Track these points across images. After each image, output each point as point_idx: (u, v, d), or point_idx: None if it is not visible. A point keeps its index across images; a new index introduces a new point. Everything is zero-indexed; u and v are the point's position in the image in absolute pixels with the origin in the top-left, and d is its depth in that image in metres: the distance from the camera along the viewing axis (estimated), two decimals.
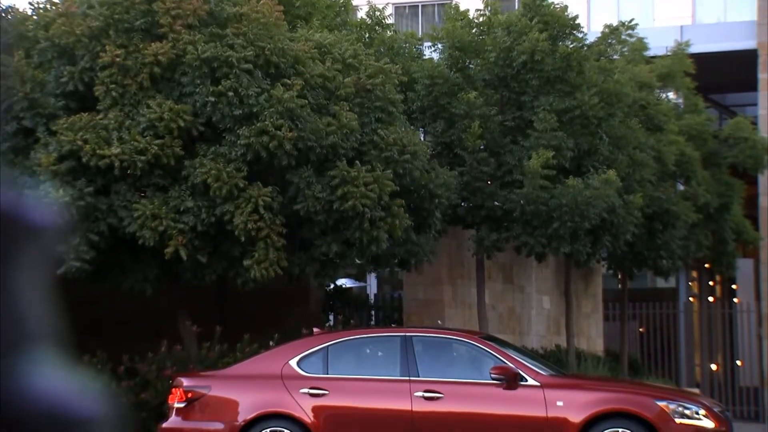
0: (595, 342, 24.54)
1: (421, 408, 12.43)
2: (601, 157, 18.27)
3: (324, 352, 12.87)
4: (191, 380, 12.99)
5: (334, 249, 15.50)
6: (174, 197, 15.23)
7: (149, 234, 14.98)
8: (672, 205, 20.71)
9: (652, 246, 21.05)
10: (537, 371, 12.63)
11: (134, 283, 15.89)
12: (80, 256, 14.93)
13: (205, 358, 16.03)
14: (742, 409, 26.57)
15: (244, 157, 15.14)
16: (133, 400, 15.56)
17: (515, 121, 18.28)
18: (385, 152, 15.62)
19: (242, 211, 14.99)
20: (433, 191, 16.20)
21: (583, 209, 17.30)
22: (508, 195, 17.67)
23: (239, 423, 12.57)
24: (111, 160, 15.00)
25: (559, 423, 12.18)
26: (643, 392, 12.72)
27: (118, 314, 18.89)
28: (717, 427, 12.33)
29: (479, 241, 18.23)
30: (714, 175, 22.77)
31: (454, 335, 13.23)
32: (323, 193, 15.19)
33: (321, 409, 12.56)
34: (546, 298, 23.02)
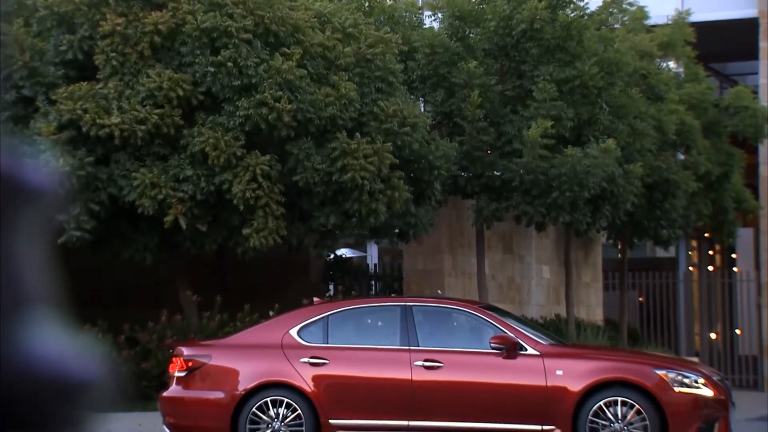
0: (595, 311, 24.59)
1: (421, 377, 12.47)
2: (602, 126, 18.25)
3: (324, 321, 12.89)
4: (192, 349, 13.02)
5: (332, 220, 15.51)
6: (173, 166, 15.23)
7: (149, 203, 14.99)
8: (672, 174, 20.70)
9: (652, 215, 21.05)
10: (537, 340, 12.66)
11: (134, 253, 15.91)
12: (80, 225, 14.94)
13: (206, 328, 16.07)
14: (741, 377, 26.65)
15: (242, 126, 15.13)
16: (133, 369, 15.61)
17: (515, 91, 18.25)
18: (385, 124, 15.60)
19: (241, 179, 14.99)
20: (432, 163, 16.18)
21: (582, 178, 17.29)
22: (507, 165, 17.66)
23: (240, 392, 12.60)
24: (111, 129, 14.98)
25: (558, 392, 12.22)
26: (642, 361, 12.75)
27: (118, 284, 18.92)
28: (716, 395, 12.37)
29: (479, 210, 18.23)
30: (714, 144, 22.74)
31: (454, 305, 13.25)
32: (323, 164, 15.18)
33: (321, 378, 12.59)
34: (546, 268, 23.04)
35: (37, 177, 1.08)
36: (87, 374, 1.01)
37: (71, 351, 1.01)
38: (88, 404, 0.99)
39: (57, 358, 0.99)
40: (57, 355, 1.00)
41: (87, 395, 1.00)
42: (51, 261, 1.08)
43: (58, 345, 1.00)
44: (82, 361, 1.01)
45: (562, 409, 12.17)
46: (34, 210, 1.07)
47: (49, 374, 0.98)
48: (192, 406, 12.71)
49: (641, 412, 12.13)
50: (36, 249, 1.06)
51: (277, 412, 12.52)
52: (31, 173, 1.08)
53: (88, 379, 1.00)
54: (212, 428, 12.66)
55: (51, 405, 0.97)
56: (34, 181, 1.08)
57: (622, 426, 12.13)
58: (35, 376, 0.97)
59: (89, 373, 1.01)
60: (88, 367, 1.01)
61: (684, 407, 12.19)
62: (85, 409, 0.99)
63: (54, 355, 0.99)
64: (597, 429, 12.14)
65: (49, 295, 1.04)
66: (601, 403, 12.18)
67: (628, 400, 12.19)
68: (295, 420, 12.49)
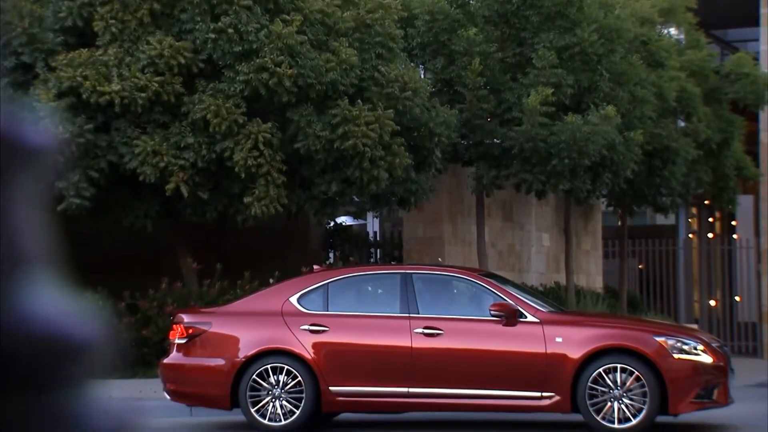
0: (595, 279, 24.62)
1: (420, 344, 12.50)
2: (602, 93, 18.21)
3: (324, 289, 12.91)
4: (192, 317, 13.05)
5: (333, 188, 15.50)
6: (174, 134, 15.22)
7: (150, 170, 14.98)
8: (672, 141, 20.67)
9: (652, 183, 21.05)
10: (536, 308, 12.69)
11: (135, 220, 15.92)
12: (80, 192, 14.95)
13: (206, 295, 16.10)
14: (741, 344, 26.71)
15: (243, 93, 15.10)
16: (134, 336, 15.65)
17: (515, 58, 18.20)
18: (385, 89, 15.57)
19: (242, 147, 14.98)
20: (433, 130, 16.16)
21: (581, 146, 17.27)
22: (507, 132, 17.63)
23: (240, 359, 12.64)
24: (111, 96, 14.96)
25: (558, 359, 12.26)
26: (641, 328, 12.78)
27: (118, 251, 18.93)
28: (715, 362, 12.40)
29: (479, 178, 18.22)
30: (715, 111, 22.70)
31: (454, 272, 13.26)
32: (324, 131, 15.17)
33: (321, 345, 12.63)
34: (545, 236, 23.06)
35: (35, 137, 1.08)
36: (87, 335, 1.01)
37: (71, 312, 1.01)
38: (87, 366, 0.99)
39: (56, 319, 0.99)
40: (56, 315, 1.00)
41: (87, 357, 1.00)
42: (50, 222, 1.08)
43: (57, 306, 1.00)
44: (81, 323, 1.01)
45: (562, 376, 12.21)
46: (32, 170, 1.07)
47: (48, 335, 0.98)
48: (192, 373, 12.75)
49: (640, 378, 12.17)
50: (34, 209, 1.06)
51: (277, 379, 12.55)
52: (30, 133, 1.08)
53: (88, 341, 1.00)
54: (213, 395, 12.70)
55: (50, 366, 0.97)
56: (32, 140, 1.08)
57: (622, 392, 12.17)
58: (34, 336, 0.97)
59: (89, 334, 1.01)
60: (87, 328, 1.01)
61: (683, 374, 12.23)
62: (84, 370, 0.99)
63: (53, 316, 0.99)
64: (596, 395, 12.18)
65: (48, 256, 1.04)
66: (600, 370, 12.22)
67: (628, 367, 12.23)
68: (296, 387, 12.53)
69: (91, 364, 0.99)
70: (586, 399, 12.17)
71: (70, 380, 0.98)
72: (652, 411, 12.15)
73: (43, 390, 0.96)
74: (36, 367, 0.96)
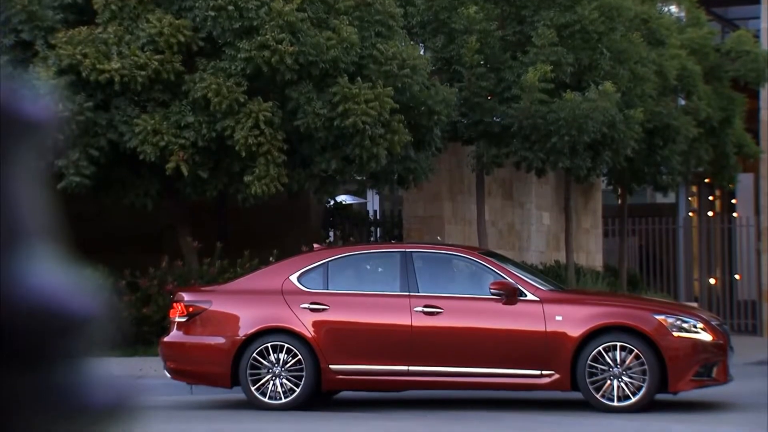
0: (594, 257, 24.63)
1: (420, 323, 12.52)
2: (602, 71, 18.18)
3: (324, 267, 12.92)
4: (192, 295, 13.06)
5: (333, 165, 15.50)
6: (174, 112, 15.20)
7: (150, 149, 14.98)
8: (673, 119, 20.65)
9: (652, 161, 21.03)
10: (536, 286, 12.70)
11: (135, 199, 15.92)
12: (80, 170, 14.94)
13: (206, 274, 16.11)
14: (740, 322, 26.75)
15: (244, 71, 15.08)
16: (134, 314, 15.67)
17: (515, 36, 18.16)
18: (384, 66, 15.54)
19: (243, 126, 14.97)
20: (432, 108, 16.14)
21: (581, 123, 17.25)
22: (506, 110, 17.61)
23: (240, 337, 12.66)
24: (111, 74, 14.94)
25: (558, 337, 12.27)
26: (641, 306, 12.80)
27: (119, 230, 18.94)
28: (714, 340, 12.42)
29: (478, 156, 18.21)
30: (715, 89, 22.67)
31: (454, 251, 13.27)
32: (324, 109, 15.15)
33: (321, 323, 12.64)
34: (546, 214, 23.06)
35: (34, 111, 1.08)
36: (86, 310, 1.01)
37: (70, 286, 1.00)
38: (86, 340, 0.99)
39: (55, 293, 0.99)
40: (55, 289, 0.99)
41: (86, 331, 1.00)
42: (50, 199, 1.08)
43: (56, 279, 1.00)
44: (81, 297, 1.01)
45: (562, 355, 12.23)
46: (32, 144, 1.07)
47: (47, 308, 0.98)
48: (193, 351, 12.77)
49: (640, 356, 12.20)
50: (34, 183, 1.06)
51: (277, 358, 12.58)
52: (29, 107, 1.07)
53: (87, 315, 1.00)
54: (213, 373, 12.73)
55: (49, 339, 0.97)
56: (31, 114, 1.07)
57: (621, 370, 12.20)
58: (33, 309, 0.97)
59: (88, 308, 1.01)
60: (87, 302, 1.01)
61: (682, 352, 12.25)
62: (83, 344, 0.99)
63: (52, 290, 0.99)
64: (596, 374, 12.21)
65: (47, 230, 1.04)
66: (600, 348, 12.24)
67: (627, 345, 12.25)
68: (296, 365, 12.55)
69: (90, 338, 0.99)
70: (585, 377, 12.19)
71: (69, 354, 0.98)
72: (652, 389, 12.18)
73: (41, 363, 0.96)
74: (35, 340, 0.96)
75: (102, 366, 1.02)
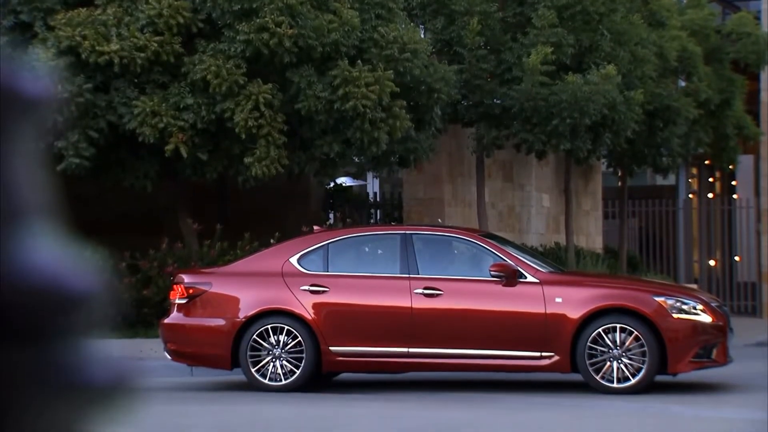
0: (594, 239, 24.64)
1: (420, 305, 12.53)
2: (602, 53, 18.16)
3: (324, 249, 12.92)
4: (192, 277, 13.07)
5: (334, 149, 15.49)
6: (174, 94, 15.18)
7: (149, 131, 14.97)
8: (673, 101, 20.63)
9: (653, 143, 21.02)
10: (536, 268, 12.70)
11: (134, 180, 15.92)
12: (79, 152, 14.93)
13: (206, 256, 16.12)
14: (740, 303, 26.77)
15: (243, 53, 15.06)
16: (134, 296, 15.69)
17: (516, 18, 18.13)
18: (385, 50, 15.52)
19: (242, 108, 14.95)
20: (431, 86, 16.12)
21: (582, 105, 17.24)
22: (507, 92, 17.59)
23: (240, 319, 12.67)
24: (110, 56, 14.92)
25: (558, 319, 12.28)
26: (641, 288, 12.80)
27: (118, 211, 18.94)
28: (714, 321, 12.43)
29: (479, 138, 18.20)
30: (716, 71, 22.65)
31: (454, 233, 13.27)
32: (324, 92, 15.13)
33: (321, 305, 12.65)
34: (545, 196, 23.06)
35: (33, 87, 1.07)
36: (85, 287, 1.00)
37: (69, 263, 1.00)
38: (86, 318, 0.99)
39: (54, 270, 0.99)
40: (54, 266, 0.99)
41: (85, 308, 0.99)
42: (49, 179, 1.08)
43: (55, 257, 1.00)
44: (80, 274, 1.00)
45: (561, 336, 12.24)
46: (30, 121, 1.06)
47: (46, 286, 0.98)
48: (193, 332, 12.79)
49: (640, 338, 12.21)
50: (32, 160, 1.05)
51: (277, 339, 12.59)
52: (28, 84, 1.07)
53: (86, 292, 1.00)
54: (213, 355, 12.74)
55: (48, 317, 0.97)
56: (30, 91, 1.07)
57: (621, 352, 12.21)
58: (32, 287, 0.96)
59: (87, 286, 1.00)
60: (86, 280, 1.01)
61: (682, 333, 12.26)
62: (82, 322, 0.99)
63: (51, 267, 0.99)
64: (596, 355, 12.22)
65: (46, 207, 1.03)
66: (599, 330, 12.25)
67: (627, 327, 12.26)
68: (296, 347, 12.57)
69: (90, 316, 0.99)
70: (585, 359, 12.20)
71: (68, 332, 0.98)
72: (651, 370, 12.19)
73: (40, 340, 0.96)
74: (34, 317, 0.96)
75: (102, 345, 1.02)
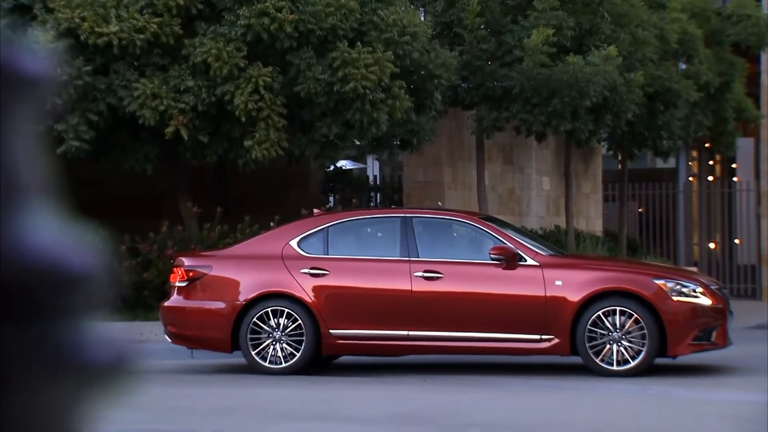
0: (594, 222, 24.64)
1: (420, 288, 12.53)
2: (603, 35, 18.13)
3: (324, 232, 12.92)
4: (192, 260, 13.07)
5: (334, 131, 15.48)
6: (174, 77, 15.16)
7: (149, 113, 14.95)
8: (673, 83, 20.61)
9: (653, 126, 21.01)
10: (536, 251, 12.70)
11: (135, 163, 15.90)
12: (79, 135, 14.92)
13: (206, 239, 16.12)
14: (740, 286, 26.79)
15: (244, 37, 15.03)
16: (134, 279, 15.69)
17: (516, 0, 18.09)
18: (385, 33, 15.49)
19: (243, 91, 14.93)
20: (432, 71, 16.10)
21: (583, 86, 17.21)
22: (507, 74, 17.57)
23: (240, 302, 12.68)
24: (110, 38, 14.90)
25: (557, 302, 12.29)
26: (641, 271, 12.80)
27: (119, 194, 18.94)
28: (714, 304, 12.44)
29: (479, 120, 18.18)
30: (716, 54, 22.61)
31: (454, 216, 13.26)
32: (324, 74, 15.11)
33: (321, 288, 12.66)
34: (546, 179, 23.05)
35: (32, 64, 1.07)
36: (84, 266, 1.00)
37: (68, 242, 1.00)
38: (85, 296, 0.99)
39: (53, 249, 0.99)
40: (53, 245, 0.99)
41: (84, 287, 0.99)
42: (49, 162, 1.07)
43: (54, 235, 1.00)
44: (79, 253, 1.00)
45: (561, 319, 12.25)
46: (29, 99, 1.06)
47: (45, 264, 0.97)
48: (193, 316, 12.80)
49: (639, 321, 12.22)
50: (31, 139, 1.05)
51: (277, 322, 12.60)
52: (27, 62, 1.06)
53: (85, 271, 1.00)
54: (213, 338, 12.75)
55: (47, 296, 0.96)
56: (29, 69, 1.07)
57: (621, 335, 12.22)
58: (30, 265, 0.96)
59: (86, 264, 1.00)
60: (85, 259, 1.00)
61: (682, 316, 12.27)
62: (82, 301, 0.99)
63: (50, 245, 0.99)
64: (595, 338, 12.23)
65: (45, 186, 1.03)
66: (599, 313, 12.25)
67: (627, 310, 12.27)
68: (296, 330, 12.58)
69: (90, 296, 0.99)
70: (585, 341, 12.22)
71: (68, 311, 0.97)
72: (651, 353, 12.20)
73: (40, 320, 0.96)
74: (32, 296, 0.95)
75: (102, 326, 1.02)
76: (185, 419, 9.16)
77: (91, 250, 1.00)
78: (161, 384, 10.86)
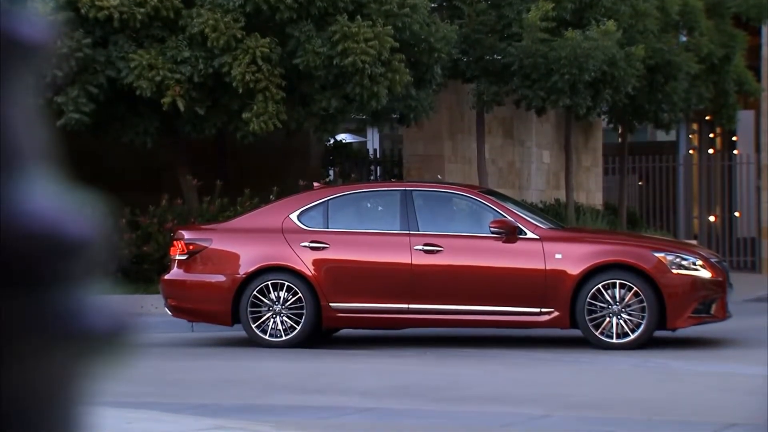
0: (594, 196, 24.64)
1: (420, 261, 12.54)
2: (603, 8, 18.07)
3: (324, 206, 12.92)
4: (192, 233, 13.07)
5: (333, 104, 15.44)
6: (171, 48, 15.13)
7: (146, 84, 14.92)
8: (674, 56, 20.55)
9: (653, 99, 20.96)
10: (536, 224, 12.70)
11: (134, 137, 15.89)
12: (79, 108, 14.90)
13: (206, 212, 16.12)
14: (740, 259, 26.81)
15: (242, 8, 14.99)
16: (134, 252, 15.70)
17: None
18: (384, 5, 15.45)
19: (240, 62, 14.90)
20: (432, 45, 16.06)
21: (582, 61, 17.17)
22: (507, 48, 17.53)
23: (240, 275, 12.69)
24: (110, 11, 14.86)
25: (557, 275, 12.30)
26: (640, 244, 12.81)
27: (118, 168, 18.93)
28: (714, 277, 12.45)
29: (479, 94, 18.15)
30: (717, 26, 22.55)
31: (454, 189, 13.26)
32: (323, 48, 15.07)
33: (321, 262, 12.67)
34: (546, 153, 23.03)
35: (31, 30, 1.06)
36: (83, 233, 1.00)
37: (67, 209, 0.99)
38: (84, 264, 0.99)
39: (52, 215, 0.98)
40: (52, 212, 0.98)
41: (83, 254, 0.99)
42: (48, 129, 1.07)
43: (54, 203, 0.99)
44: (78, 220, 1.00)
45: (561, 292, 12.26)
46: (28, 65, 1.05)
47: (43, 231, 0.97)
48: (193, 289, 12.81)
49: (639, 294, 12.23)
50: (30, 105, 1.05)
51: (277, 296, 12.62)
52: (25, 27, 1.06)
53: (84, 238, 0.99)
54: (214, 311, 12.77)
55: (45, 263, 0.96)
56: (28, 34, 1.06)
57: (620, 308, 12.24)
58: (29, 232, 0.96)
59: (86, 232, 1.00)
60: (84, 226, 1.00)
61: (681, 288, 12.28)
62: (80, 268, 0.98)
63: (49, 213, 0.98)
64: (595, 311, 12.25)
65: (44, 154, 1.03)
66: (599, 286, 12.27)
67: (626, 283, 12.28)
68: (296, 303, 12.59)
69: (89, 263, 0.99)
70: (584, 314, 12.23)
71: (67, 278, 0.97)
72: (651, 326, 12.22)
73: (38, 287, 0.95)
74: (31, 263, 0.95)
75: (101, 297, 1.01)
76: (185, 392, 9.18)
77: (90, 218, 1.00)
78: (161, 357, 10.88)
